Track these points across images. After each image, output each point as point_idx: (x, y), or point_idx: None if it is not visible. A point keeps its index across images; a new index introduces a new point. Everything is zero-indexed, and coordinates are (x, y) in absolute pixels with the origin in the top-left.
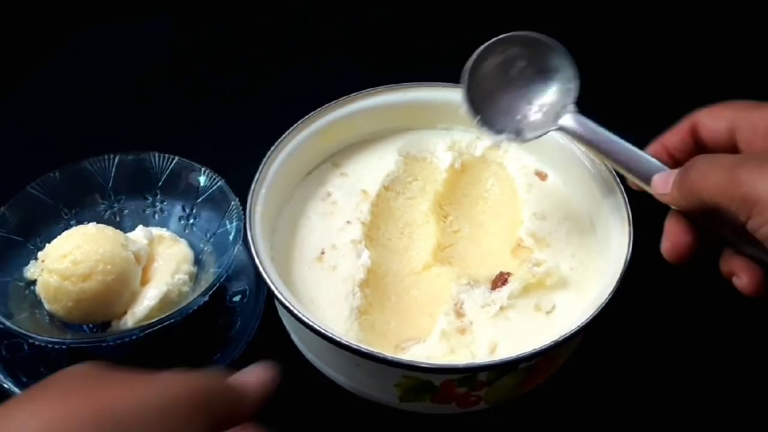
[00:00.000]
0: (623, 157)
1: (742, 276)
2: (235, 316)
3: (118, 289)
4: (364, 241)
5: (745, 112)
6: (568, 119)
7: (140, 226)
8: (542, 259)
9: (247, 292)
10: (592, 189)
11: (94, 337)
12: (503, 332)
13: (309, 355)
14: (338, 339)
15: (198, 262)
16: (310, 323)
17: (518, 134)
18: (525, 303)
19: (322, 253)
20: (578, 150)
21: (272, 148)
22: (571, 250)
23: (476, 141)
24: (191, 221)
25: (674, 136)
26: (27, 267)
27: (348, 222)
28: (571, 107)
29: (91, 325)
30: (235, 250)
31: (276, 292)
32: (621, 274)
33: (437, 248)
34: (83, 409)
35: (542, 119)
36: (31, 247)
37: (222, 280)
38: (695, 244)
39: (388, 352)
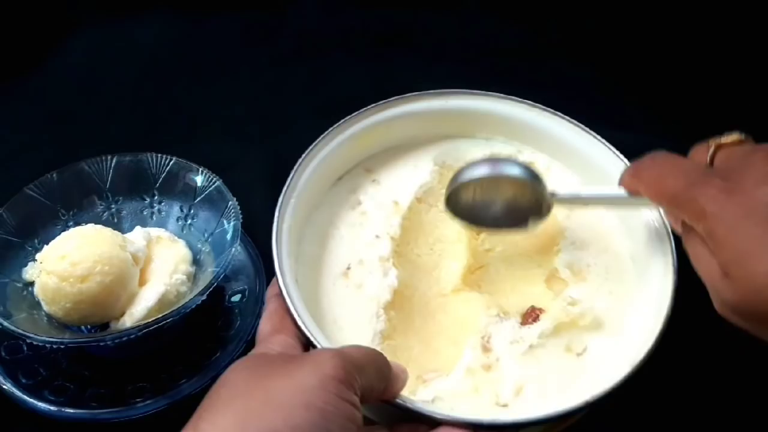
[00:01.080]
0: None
1: None
2: (234, 315)
3: (116, 290)
4: (392, 258)
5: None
6: (559, 197)
7: (138, 227)
8: (577, 297)
9: (246, 291)
10: (636, 222)
11: (92, 336)
12: (531, 373)
13: None
14: None
15: (196, 262)
16: None
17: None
18: (555, 342)
19: (348, 268)
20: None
21: (304, 156)
22: (608, 287)
23: (517, 154)
24: (189, 221)
25: None
26: (25, 268)
27: (377, 236)
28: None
29: (89, 327)
30: (233, 249)
31: (303, 328)
32: (662, 327)
33: (467, 271)
34: (256, 403)
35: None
36: (29, 249)
37: (220, 279)
38: None
39: (410, 384)
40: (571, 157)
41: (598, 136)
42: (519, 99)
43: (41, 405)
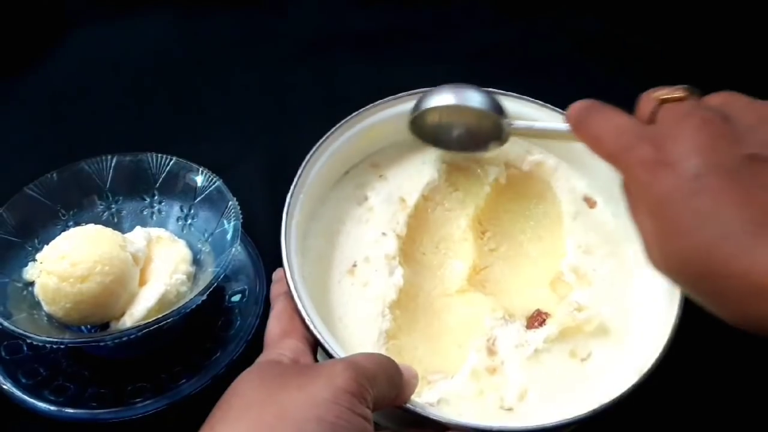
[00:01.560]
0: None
1: None
2: (234, 315)
3: (117, 290)
4: (398, 257)
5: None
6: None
7: (138, 227)
8: (584, 302)
9: (246, 291)
10: None
11: (92, 337)
12: (535, 378)
13: None
14: None
15: (196, 261)
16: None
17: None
18: (560, 347)
19: (354, 265)
20: None
21: (313, 151)
22: (613, 292)
23: (525, 155)
24: (189, 221)
25: None
26: (26, 268)
27: (383, 234)
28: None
29: (89, 327)
30: (233, 249)
31: (314, 331)
32: (670, 335)
33: (473, 271)
34: (269, 416)
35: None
36: (29, 249)
37: (220, 279)
38: None
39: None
40: (580, 159)
41: None
42: (529, 98)
43: (41, 405)
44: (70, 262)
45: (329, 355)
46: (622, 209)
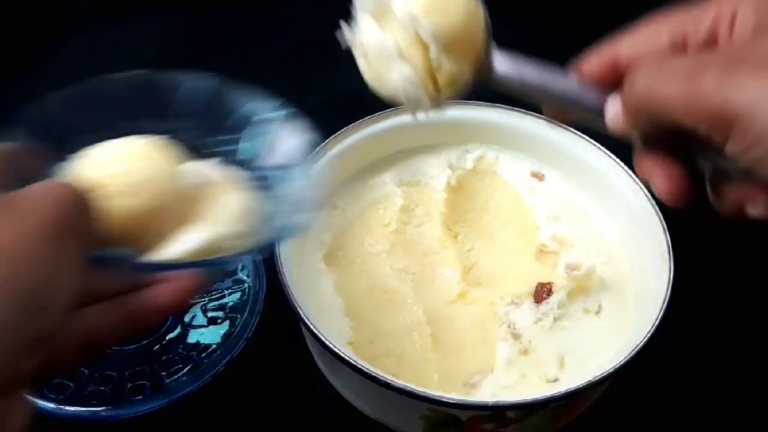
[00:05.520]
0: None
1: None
2: (235, 313)
3: (149, 221)
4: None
5: (686, 17)
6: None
7: (209, 161)
8: (575, 262)
9: (247, 289)
10: (598, 180)
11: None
12: (564, 344)
13: (331, 379)
14: (367, 371)
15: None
16: (351, 361)
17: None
18: (573, 309)
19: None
20: (572, 144)
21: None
22: (596, 247)
23: (465, 154)
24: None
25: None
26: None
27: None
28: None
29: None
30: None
31: (318, 334)
32: (669, 281)
33: (464, 273)
34: None
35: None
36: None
37: (274, 248)
38: (688, 177)
39: (458, 392)
40: (515, 142)
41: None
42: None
43: (40, 403)
44: (109, 174)
45: (312, 334)
46: (569, 173)
